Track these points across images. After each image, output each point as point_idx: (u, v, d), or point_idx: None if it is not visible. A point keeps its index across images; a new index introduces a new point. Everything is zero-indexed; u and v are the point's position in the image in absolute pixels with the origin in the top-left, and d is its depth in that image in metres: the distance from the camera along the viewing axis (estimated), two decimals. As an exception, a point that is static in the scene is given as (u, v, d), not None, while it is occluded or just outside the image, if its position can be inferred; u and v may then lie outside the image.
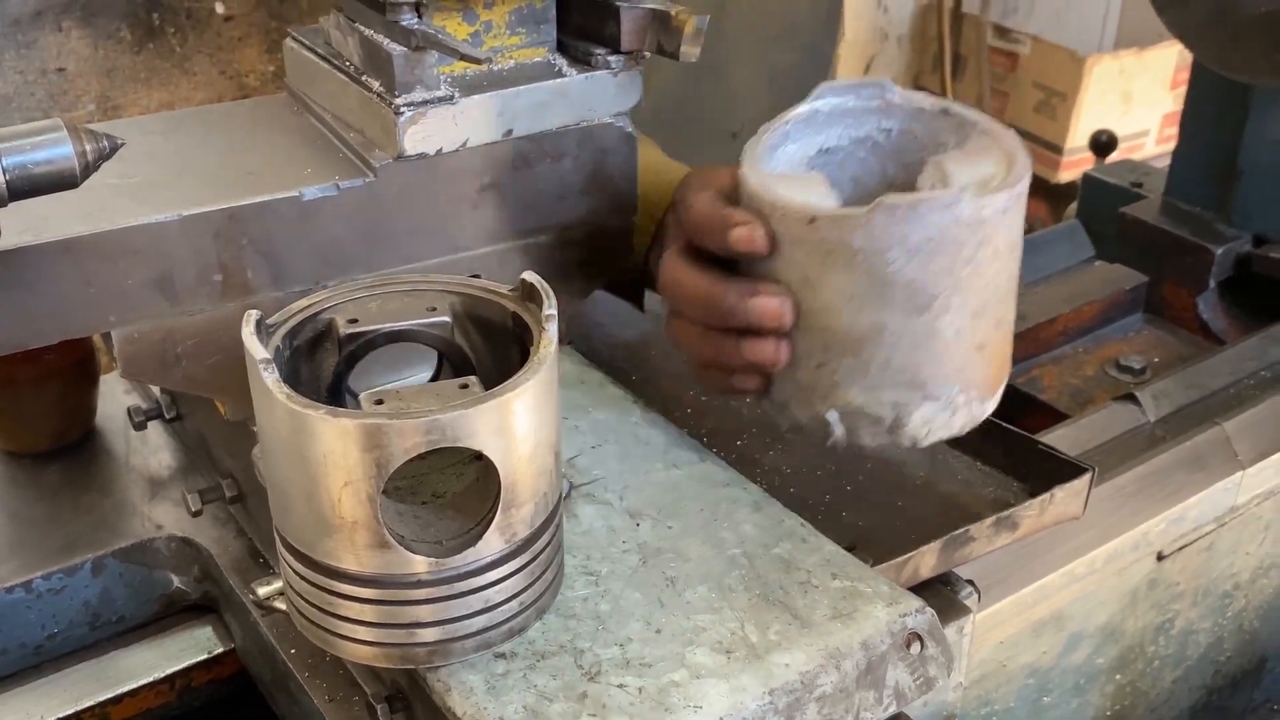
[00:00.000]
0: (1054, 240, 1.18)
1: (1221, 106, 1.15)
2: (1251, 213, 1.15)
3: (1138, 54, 2.66)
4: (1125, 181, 1.33)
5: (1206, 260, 1.15)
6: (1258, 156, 1.13)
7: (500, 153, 0.67)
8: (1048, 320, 1.07)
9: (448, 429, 0.47)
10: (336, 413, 0.47)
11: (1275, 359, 1.02)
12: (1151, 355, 1.09)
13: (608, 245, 0.74)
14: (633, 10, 0.67)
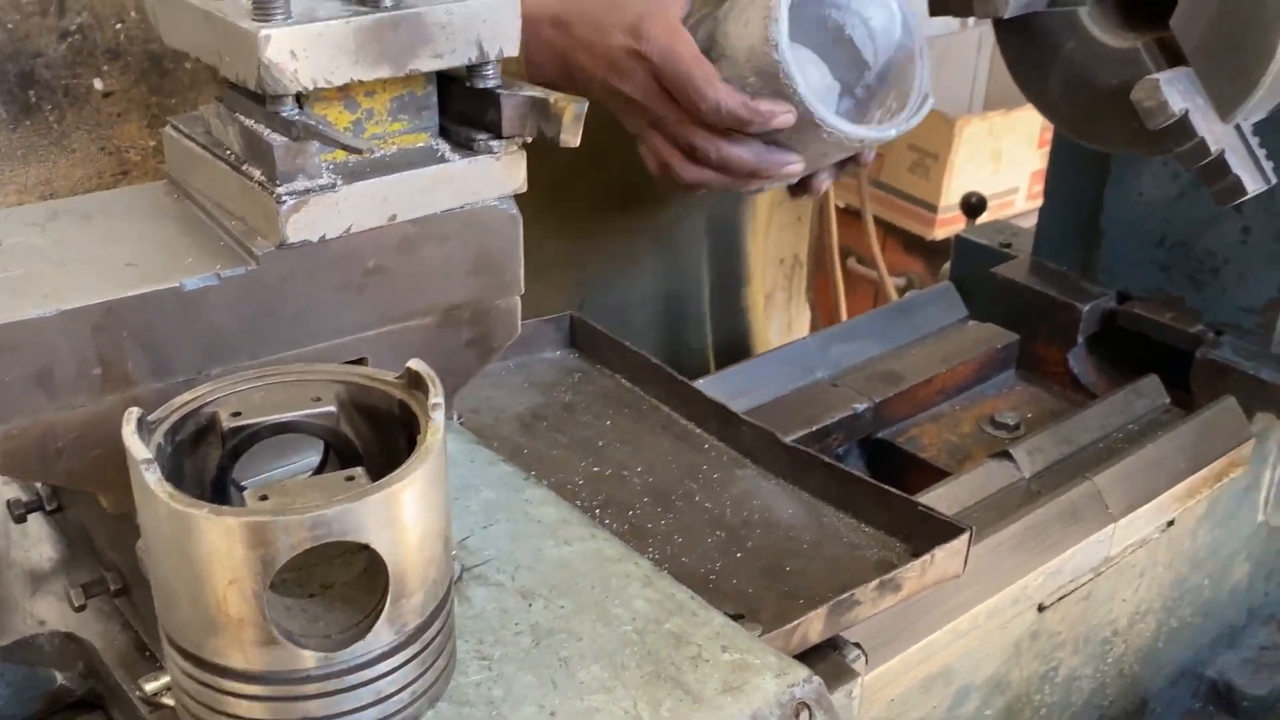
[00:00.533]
0: (928, 302, 1.22)
1: (1082, 169, 1.21)
2: (1115, 270, 1.20)
3: (1005, 115, 2.77)
4: (995, 242, 1.38)
5: (1074, 317, 1.20)
6: (1118, 216, 1.18)
7: (385, 237, 0.68)
8: (925, 380, 1.10)
9: (334, 524, 0.47)
10: (220, 511, 0.47)
11: (1141, 412, 1.07)
12: (1025, 411, 1.13)
13: (494, 324, 0.75)
14: (513, 98, 0.69)
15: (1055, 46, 1.00)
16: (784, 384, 1.08)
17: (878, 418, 1.08)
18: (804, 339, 1.12)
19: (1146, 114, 0.90)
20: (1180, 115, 0.89)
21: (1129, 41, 0.96)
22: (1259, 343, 1.11)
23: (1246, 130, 0.94)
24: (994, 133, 2.75)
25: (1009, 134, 2.78)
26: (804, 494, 0.86)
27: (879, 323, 1.18)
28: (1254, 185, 0.91)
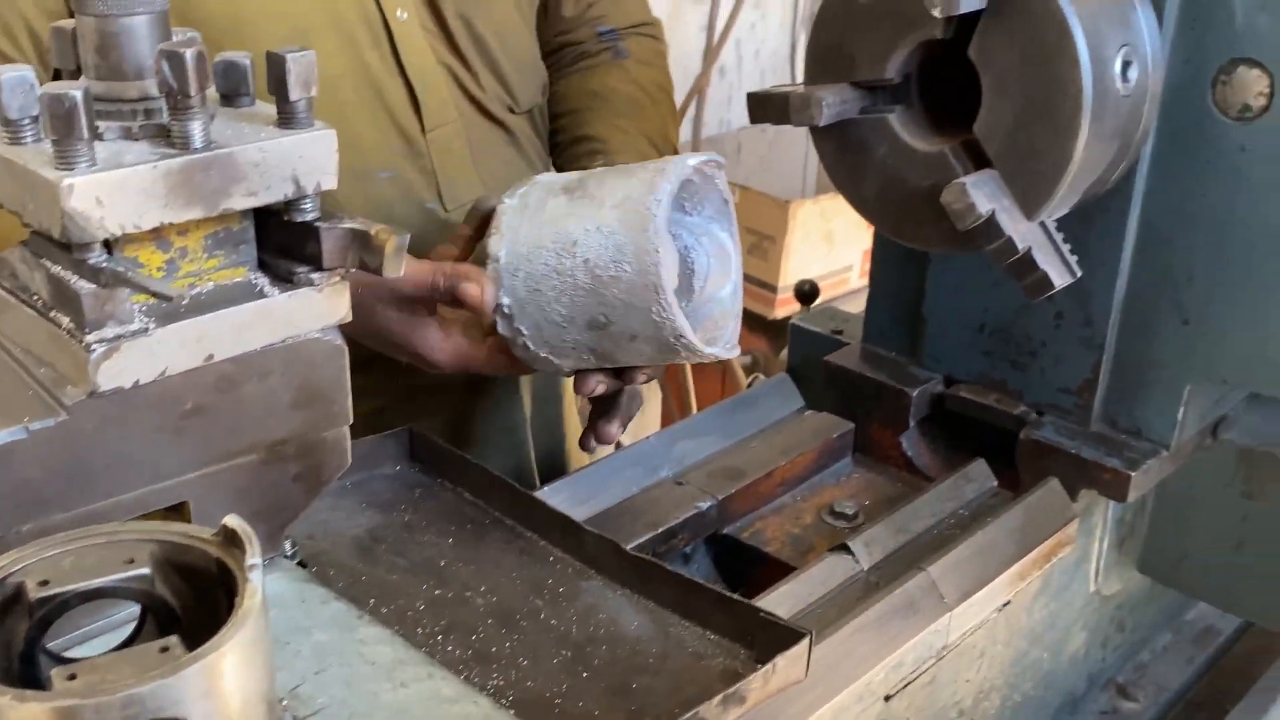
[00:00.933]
0: (766, 395, 1.25)
1: (903, 259, 1.25)
2: (940, 355, 1.24)
3: (835, 197, 2.86)
4: (827, 329, 1.41)
5: (905, 402, 1.23)
6: (939, 304, 1.23)
7: (202, 377, 0.67)
8: (766, 474, 1.12)
9: (148, 701, 0.45)
10: (24, 696, 0.45)
11: (971, 497, 1.10)
12: (863, 498, 1.16)
13: (323, 456, 0.73)
14: (333, 230, 0.69)
15: (869, 151, 1.04)
16: (629, 486, 1.08)
17: (722, 514, 1.09)
18: (648, 438, 1.13)
19: (956, 216, 0.94)
20: (987, 216, 0.94)
21: (937, 146, 1.00)
22: (1078, 421, 1.16)
23: (1051, 226, 0.99)
24: (825, 215, 2.85)
25: (839, 215, 2.88)
26: (650, 603, 0.86)
27: (721, 417, 1.20)
28: (1060, 280, 0.96)
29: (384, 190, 1.29)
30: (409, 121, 1.30)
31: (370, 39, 1.26)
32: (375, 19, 1.26)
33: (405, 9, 1.28)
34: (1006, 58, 0.93)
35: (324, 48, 1.22)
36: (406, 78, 1.28)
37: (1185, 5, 0.99)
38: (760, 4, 3.51)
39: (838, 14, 1.01)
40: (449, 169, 1.33)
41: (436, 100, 1.31)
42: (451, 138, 1.33)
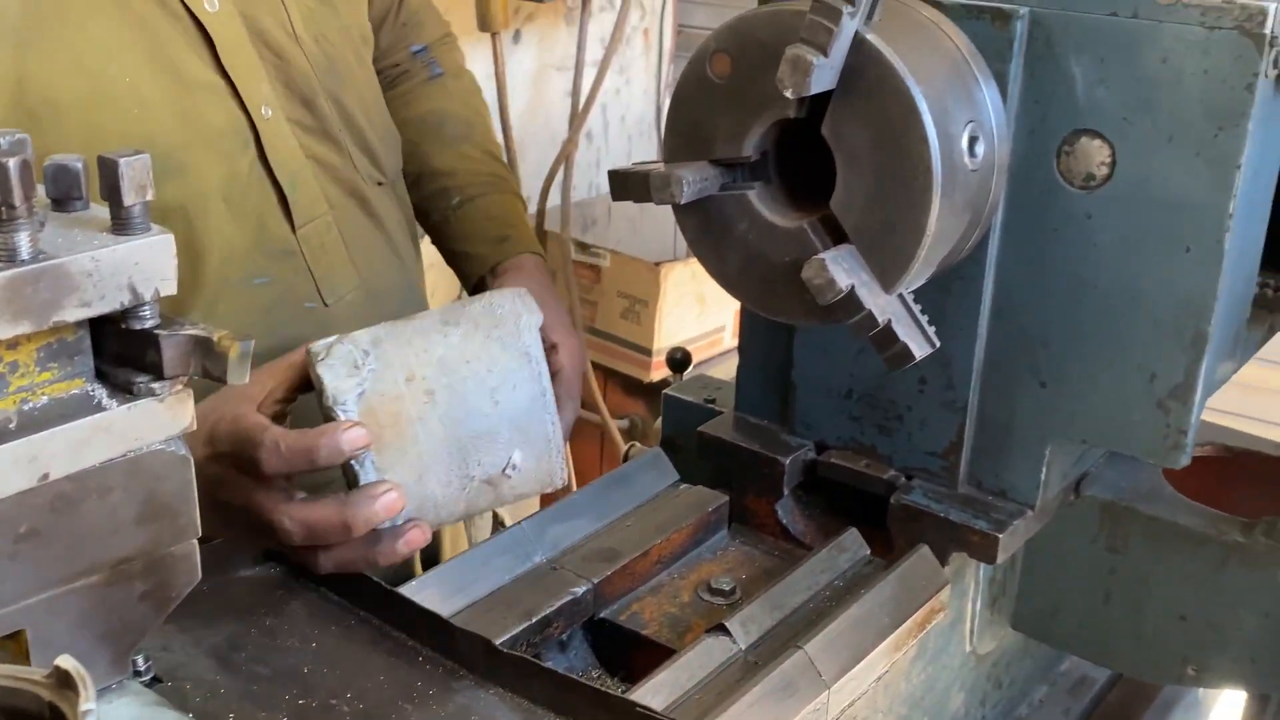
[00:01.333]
0: (640, 471, 1.24)
1: (770, 327, 1.26)
2: (810, 422, 1.25)
3: (706, 258, 2.90)
4: (700, 398, 1.42)
5: (778, 471, 1.23)
6: (807, 371, 1.24)
7: (37, 499, 0.63)
8: (642, 554, 1.11)
9: None
10: None
11: (845, 567, 1.10)
12: (740, 572, 1.15)
13: (171, 572, 0.70)
14: (173, 338, 0.66)
15: (730, 228, 1.04)
16: (502, 574, 1.06)
17: (599, 597, 1.07)
18: (520, 524, 1.10)
19: (816, 291, 0.95)
20: (847, 291, 0.95)
21: (796, 221, 1.01)
22: (946, 484, 1.17)
23: (909, 298, 1.00)
24: (697, 277, 2.88)
25: (710, 278, 2.90)
26: (524, 702, 0.84)
27: (595, 496, 1.18)
28: (920, 351, 0.98)
29: (261, 297, 1.25)
30: (278, 223, 1.27)
31: (239, 145, 1.22)
32: (242, 123, 1.23)
33: (270, 106, 1.25)
34: (858, 136, 0.94)
35: (195, 162, 1.19)
36: (274, 178, 1.25)
37: (1027, 80, 1.02)
38: (624, 70, 3.55)
39: (694, 94, 1.02)
40: (324, 264, 1.30)
41: (307, 196, 1.28)
42: (324, 231, 1.30)
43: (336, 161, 1.33)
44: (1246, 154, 0.95)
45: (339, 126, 1.33)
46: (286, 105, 1.27)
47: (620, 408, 2.97)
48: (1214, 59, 0.94)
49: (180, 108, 1.18)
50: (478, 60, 2.92)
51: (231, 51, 1.22)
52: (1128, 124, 0.99)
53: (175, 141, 1.17)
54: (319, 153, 1.31)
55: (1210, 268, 0.99)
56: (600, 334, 3.00)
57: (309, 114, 1.30)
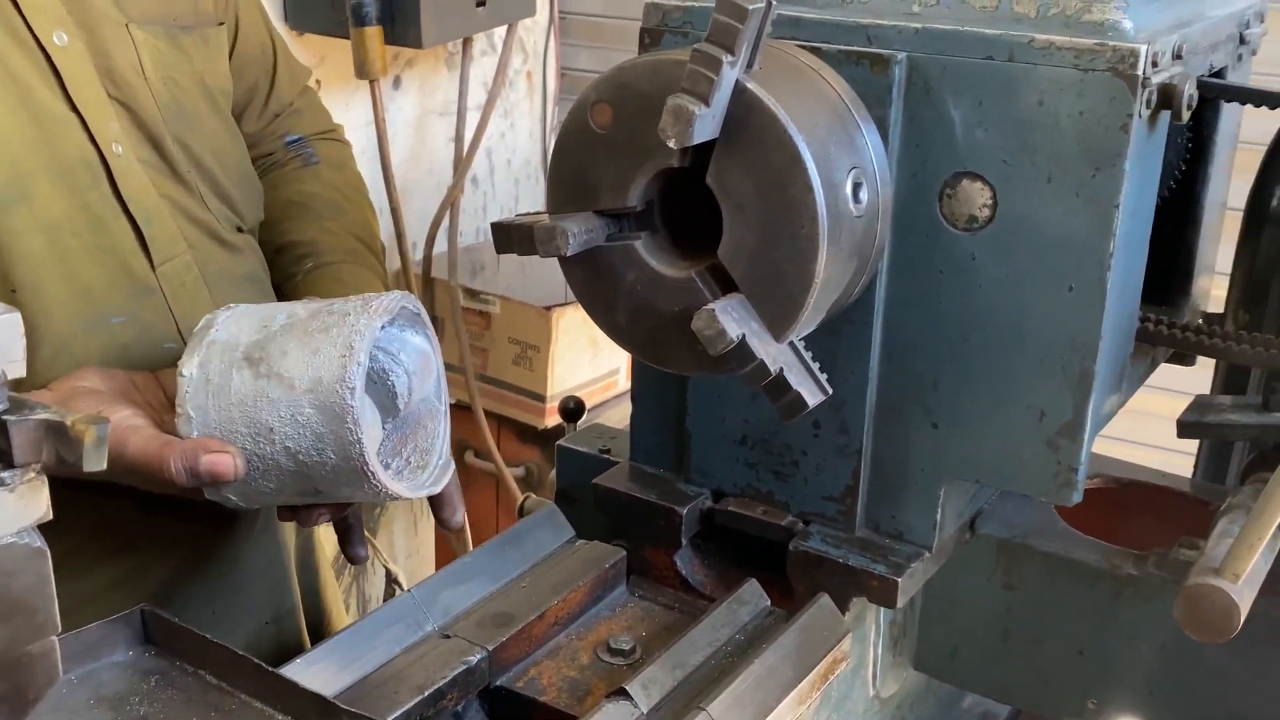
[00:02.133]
0: (533, 528, 1.20)
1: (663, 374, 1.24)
2: (706, 470, 1.24)
3: (597, 300, 2.88)
4: (595, 448, 1.39)
5: (675, 522, 1.21)
6: (701, 418, 1.22)
7: None
8: (538, 616, 1.08)
9: None
10: None
11: (745, 619, 1.09)
12: (639, 629, 1.13)
13: (27, 673, 0.65)
14: (23, 423, 0.61)
15: (618, 278, 1.03)
16: (392, 645, 1.02)
17: (494, 665, 1.04)
18: (408, 593, 1.06)
19: (707, 341, 0.94)
20: (738, 341, 0.93)
21: (684, 271, 1.00)
22: (844, 528, 1.16)
23: (800, 346, 1.00)
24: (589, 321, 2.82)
25: (605, 319, 2.88)
26: (417, 783, 0.80)
27: (487, 558, 1.15)
28: (813, 399, 0.97)
29: (119, 335, 1.22)
30: (137, 260, 1.24)
31: (90, 178, 1.20)
32: (93, 157, 1.20)
33: (120, 143, 1.23)
34: (743, 184, 0.93)
35: (45, 191, 1.17)
36: (130, 214, 1.23)
37: (907, 124, 1.02)
38: (509, 113, 3.53)
39: (576, 144, 1.00)
40: (184, 303, 1.27)
41: (164, 234, 1.26)
42: (183, 271, 1.28)
43: (190, 203, 1.31)
44: (1124, 193, 0.96)
45: (188, 169, 1.31)
46: (135, 145, 1.25)
47: (515, 456, 2.92)
48: (1089, 100, 0.95)
49: (29, 136, 1.16)
50: (356, 108, 2.88)
51: (79, 86, 1.20)
52: (1007, 166, 1.00)
53: (24, 169, 1.15)
54: (171, 193, 1.29)
55: (1093, 306, 1.00)
56: (492, 381, 2.96)
57: (157, 155, 1.28)
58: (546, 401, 2.84)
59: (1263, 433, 1.18)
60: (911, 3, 1.03)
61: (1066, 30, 0.97)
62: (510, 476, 2.84)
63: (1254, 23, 1.24)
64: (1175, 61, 1.01)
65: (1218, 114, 1.23)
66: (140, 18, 1.28)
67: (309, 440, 1.02)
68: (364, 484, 1.02)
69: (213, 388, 1.03)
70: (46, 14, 1.19)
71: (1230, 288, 1.34)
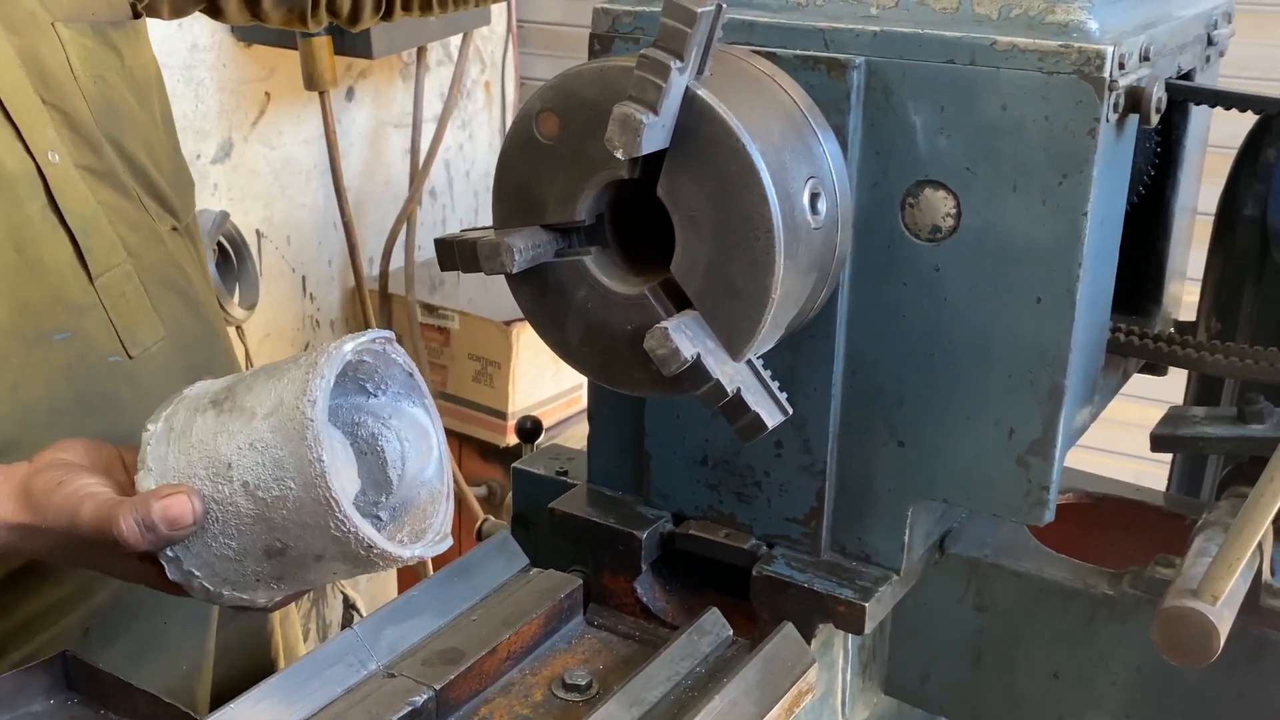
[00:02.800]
0: (485, 558, 1.15)
1: (621, 394, 1.20)
2: (666, 492, 1.19)
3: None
4: (552, 471, 1.35)
5: (635, 546, 1.17)
6: (661, 439, 1.18)
7: None
8: (489, 651, 1.02)
9: None
10: None
11: (706, 651, 1.04)
12: (596, 662, 1.08)
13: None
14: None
15: (568, 296, 0.98)
16: (333, 686, 0.96)
17: (442, 704, 0.99)
18: (351, 630, 1.01)
19: (660, 361, 0.89)
20: (693, 360, 0.89)
21: (636, 287, 0.95)
22: (809, 551, 1.12)
23: (758, 364, 0.95)
24: (550, 334, 2.80)
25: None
26: (354, 841, 0.75)
27: (435, 591, 1.09)
28: (772, 420, 0.92)
29: (62, 353, 1.18)
30: (75, 274, 1.19)
31: (28, 191, 1.15)
32: (30, 167, 1.16)
33: (56, 150, 1.18)
34: (695, 196, 0.89)
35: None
36: (67, 226, 1.18)
37: (867, 131, 0.98)
38: (467, 124, 3.48)
39: (521, 155, 0.96)
40: (125, 314, 1.23)
41: (102, 244, 1.22)
42: (122, 281, 1.23)
43: (127, 207, 1.26)
44: (1093, 200, 0.93)
45: (123, 170, 1.27)
46: (73, 150, 1.20)
47: (477, 474, 2.87)
48: (1054, 105, 0.91)
49: None
50: (307, 121, 2.82)
51: (13, 93, 1.15)
52: (971, 174, 0.96)
53: None
54: (108, 199, 1.24)
55: (1062, 318, 0.96)
56: (452, 399, 2.90)
57: (95, 158, 1.23)
58: (508, 419, 2.79)
59: (1238, 445, 1.14)
60: (869, 5, 0.99)
61: (1030, 32, 0.93)
62: (472, 496, 2.78)
63: (1222, 23, 1.21)
64: (1143, 63, 0.98)
65: (1186, 117, 1.19)
66: (64, 15, 1.23)
67: (268, 470, 0.91)
68: (331, 524, 0.91)
69: (175, 434, 0.95)
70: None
71: (1202, 294, 1.31)
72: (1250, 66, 2.37)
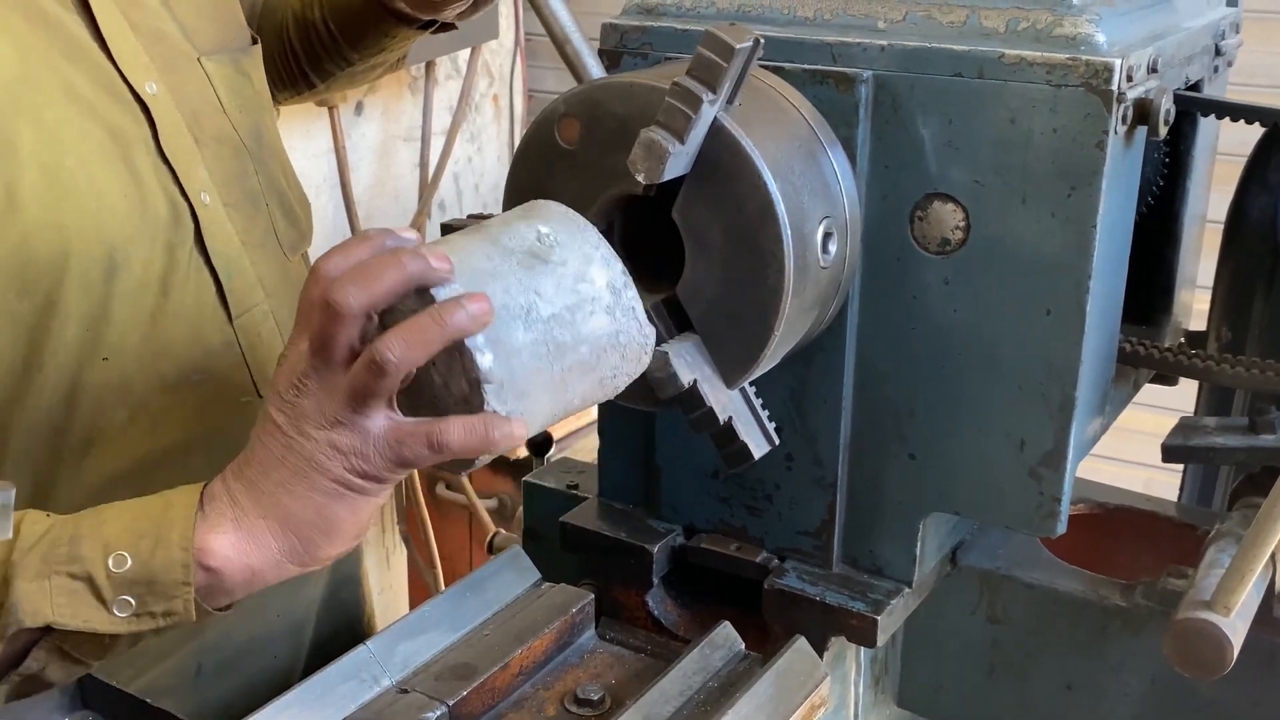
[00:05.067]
0: (497, 573, 1.15)
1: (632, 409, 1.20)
2: (677, 505, 1.19)
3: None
4: (563, 484, 1.35)
5: (646, 560, 1.17)
6: (671, 452, 1.18)
7: None
8: (501, 667, 1.03)
9: None
10: None
11: (719, 665, 1.04)
12: (609, 677, 1.08)
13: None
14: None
15: (575, 309, 0.98)
16: (346, 703, 0.97)
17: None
18: (364, 646, 1.01)
19: (657, 384, 0.90)
20: (689, 386, 0.89)
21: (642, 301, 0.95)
22: (820, 564, 1.12)
23: (750, 392, 0.96)
24: (560, 346, 2.80)
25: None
26: None
27: (447, 606, 1.09)
28: (759, 450, 0.93)
29: (196, 393, 1.18)
30: (216, 315, 1.20)
31: (181, 235, 1.16)
32: (184, 210, 1.16)
33: (208, 191, 1.18)
34: (710, 224, 0.89)
35: (144, 252, 1.12)
36: (212, 268, 1.19)
37: (875, 144, 0.98)
38: (475, 137, 3.49)
39: (538, 155, 0.96)
40: (260, 355, 1.23)
41: (242, 285, 1.22)
42: (260, 321, 1.24)
43: (268, 244, 1.27)
44: (1102, 212, 0.93)
45: (267, 198, 1.27)
46: (222, 187, 1.21)
47: (488, 487, 2.87)
48: (1063, 117, 0.91)
49: (132, 199, 1.11)
50: (316, 136, 2.83)
51: (170, 135, 1.15)
52: (980, 186, 0.96)
53: (129, 233, 1.10)
54: (253, 235, 1.24)
55: (1073, 330, 0.96)
56: (463, 410, 2.89)
57: (242, 192, 1.23)
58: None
59: (1250, 455, 1.14)
60: (877, 19, 0.99)
61: (1037, 45, 0.93)
62: (483, 509, 2.78)
63: (1229, 33, 1.20)
64: (1151, 75, 0.98)
65: (1195, 127, 1.19)
66: (208, 48, 1.24)
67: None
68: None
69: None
70: (138, 63, 1.14)
71: (1212, 303, 1.31)
72: (1258, 75, 2.37)
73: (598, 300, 0.87)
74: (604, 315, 0.87)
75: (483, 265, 0.85)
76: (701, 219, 0.89)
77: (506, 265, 0.85)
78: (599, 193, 0.94)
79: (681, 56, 1.02)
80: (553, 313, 0.85)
